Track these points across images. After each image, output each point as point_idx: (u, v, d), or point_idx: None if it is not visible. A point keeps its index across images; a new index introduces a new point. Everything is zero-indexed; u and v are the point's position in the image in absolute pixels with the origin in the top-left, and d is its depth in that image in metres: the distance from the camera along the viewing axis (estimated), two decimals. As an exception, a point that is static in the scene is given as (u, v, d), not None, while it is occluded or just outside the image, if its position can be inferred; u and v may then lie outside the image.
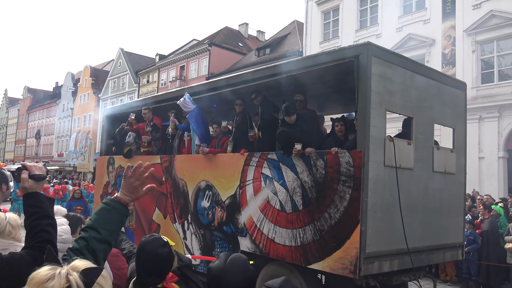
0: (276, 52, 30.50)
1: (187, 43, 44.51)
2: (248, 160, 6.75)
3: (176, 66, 39.49)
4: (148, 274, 2.50)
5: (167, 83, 39.83)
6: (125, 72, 46.30)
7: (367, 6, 25.36)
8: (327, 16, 27.59)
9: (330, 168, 5.64)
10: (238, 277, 2.34)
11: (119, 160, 9.90)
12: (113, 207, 2.15)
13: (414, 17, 22.76)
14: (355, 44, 5.66)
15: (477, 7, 20.17)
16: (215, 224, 7.23)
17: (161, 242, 2.58)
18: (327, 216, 5.61)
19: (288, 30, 31.79)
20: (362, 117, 5.39)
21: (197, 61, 37.11)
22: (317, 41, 27.39)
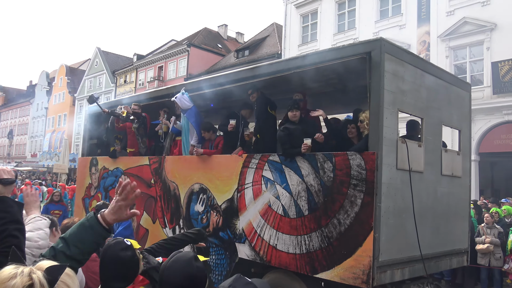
0: (255, 54, 30.04)
1: (166, 43, 43.49)
2: (247, 162, 6.23)
3: (154, 66, 38.50)
4: (113, 279, 2.41)
5: (145, 83, 38.79)
6: (102, 72, 44.92)
7: (344, 10, 25.26)
8: (306, 19, 27.35)
9: (339, 171, 5.18)
10: (176, 274, 2.20)
11: (103, 160, 9.21)
12: (91, 226, 2.05)
13: (390, 22, 22.76)
14: (367, 39, 5.19)
15: (451, 14, 20.27)
16: (210, 230, 6.67)
17: (123, 245, 2.50)
18: (336, 222, 5.14)
19: (267, 33, 31.36)
20: (375, 117, 4.94)
21: (176, 62, 36.26)
22: (296, 44, 27.15)
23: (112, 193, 8.81)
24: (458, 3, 20.24)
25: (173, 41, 42.53)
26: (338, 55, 5.31)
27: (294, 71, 5.70)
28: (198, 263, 2.29)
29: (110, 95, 42.77)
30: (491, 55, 18.55)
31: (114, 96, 41.43)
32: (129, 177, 8.37)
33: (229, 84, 6.63)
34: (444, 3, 20.64)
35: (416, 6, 21.79)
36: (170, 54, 36.83)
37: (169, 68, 37.17)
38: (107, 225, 2.07)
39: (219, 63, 33.19)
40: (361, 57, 5.09)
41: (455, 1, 20.36)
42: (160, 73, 37.75)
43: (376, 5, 23.31)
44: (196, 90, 7.22)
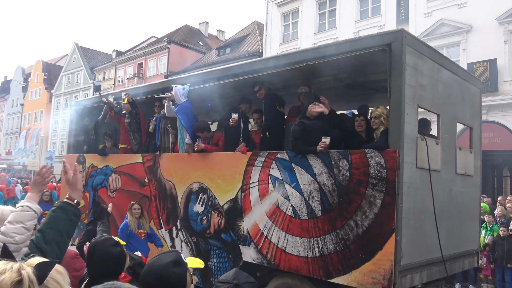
0: (236, 52, 29.49)
1: (146, 40, 42.26)
2: (252, 160, 5.75)
3: (134, 63, 37.41)
4: (101, 275, 2.34)
5: (124, 80, 37.69)
6: (80, 68, 43.42)
7: (325, 10, 25.02)
8: (287, 18, 26.99)
9: (356, 169, 4.76)
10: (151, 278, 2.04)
11: (91, 158, 8.56)
12: (59, 206, 2.16)
13: (370, 22, 22.62)
14: (387, 31, 4.79)
15: (429, 15, 20.25)
16: (211, 232, 6.17)
17: (113, 241, 2.49)
18: (352, 224, 4.73)
19: (248, 31, 30.80)
20: (396, 113, 4.54)
21: (156, 59, 35.30)
22: (277, 42, 26.78)
23: (101, 192, 8.19)
24: (436, 4, 20.24)
25: (153, 37, 41.41)
26: (355, 47, 4.88)
27: (306, 63, 5.24)
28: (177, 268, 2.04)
29: (88, 92, 41.47)
30: (467, 56, 18.57)
31: (92, 93, 40.16)
32: (120, 176, 7.78)
33: (232, 78, 6.13)
34: (422, 5, 20.62)
35: (395, 7, 21.75)
36: (150, 51, 35.84)
37: (149, 65, 36.20)
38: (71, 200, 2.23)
39: (200, 61, 32.47)
40: (380, 49, 4.67)
41: (432, 3, 20.35)
42: (140, 70, 36.73)
43: (356, 5, 23.17)
44: (199, 83, 6.68)
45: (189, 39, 35.73)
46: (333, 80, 6.12)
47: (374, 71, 5.70)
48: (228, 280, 1.99)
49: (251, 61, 6.47)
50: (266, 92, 6.07)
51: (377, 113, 4.95)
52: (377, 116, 4.95)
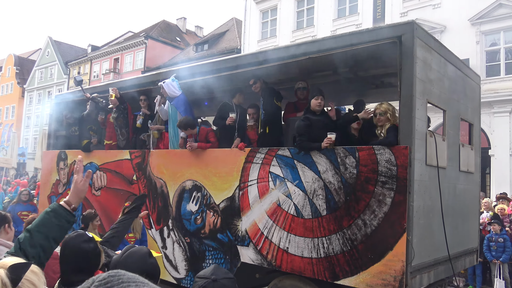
0: (214, 48, 28.99)
1: (122, 34, 41.04)
2: (251, 157, 5.40)
3: (110, 58, 36.32)
4: (73, 271, 2.28)
5: (100, 75, 36.57)
6: (54, 62, 41.87)
7: (303, 7, 24.87)
8: (266, 15, 26.69)
9: (364, 166, 4.49)
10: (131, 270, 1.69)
11: (73, 154, 8.01)
12: (53, 210, 2.05)
13: (348, 21, 22.59)
14: (397, 22, 4.52)
15: (404, 15, 20.28)
16: (205, 231, 5.79)
17: (86, 237, 2.40)
18: (360, 223, 4.45)
19: (226, 27, 30.30)
20: (407, 108, 4.28)
21: (133, 54, 34.37)
22: (256, 39, 26.45)
23: (85, 190, 7.68)
24: (411, 5, 20.36)
25: (130, 32, 40.29)
26: (364, 39, 4.59)
27: (309, 56, 4.92)
28: (152, 259, 2.25)
29: (62, 87, 40.07)
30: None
31: (67, 88, 38.85)
32: (106, 173, 7.29)
33: (228, 71, 5.75)
34: (398, 5, 20.69)
35: (371, 6, 21.75)
36: (126, 46, 34.86)
37: (126, 60, 35.24)
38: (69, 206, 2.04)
39: (177, 57, 31.80)
40: (391, 42, 4.40)
41: (408, 3, 20.45)
42: (116, 65, 35.71)
43: (333, 4, 23.10)
44: (186, 77, 6.27)
45: (166, 34, 34.93)
46: (331, 75, 5.83)
47: (374, 66, 5.46)
48: (206, 276, 2.01)
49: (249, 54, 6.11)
50: (263, 86, 5.72)
51: (383, 110, 4.68)
52: (382, 113, 4.68)
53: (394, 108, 4.70)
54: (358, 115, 4.95)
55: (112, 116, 7.06)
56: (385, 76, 5.83)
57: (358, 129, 5.13)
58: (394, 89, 6.15)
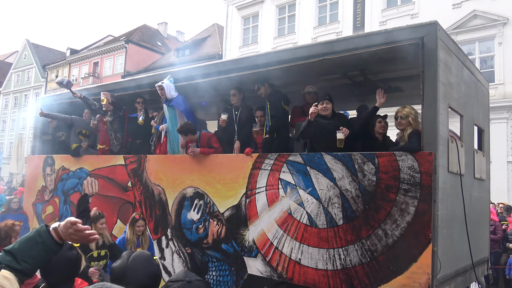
0: (196, 53, 28.47)
1: (102, 38, 39.87)
2: (259, 163, 5.01)
3: (89, 62, 35.21)
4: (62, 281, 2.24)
5: (78, 79, 35.39)
6: (31, 66, 40.31)
7: (285, 15, 24.72)
8: (247, 21, 26.40)
9: (384, 173, 4.17)
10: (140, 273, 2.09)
11: (61, 159, 7.42)
12: (43, 242, 1.83)
13: (328, 28, 22.54)
14: (419, 23, 4.23)
15: (383, 24, 20.37)
16: (208, 241, 5.36)
17: (68, 245, 2.31)
18: (381, 233, 4.12)
19: (208, 33, 29.81)
20: (431, 113, 3.99)
21: (113, 58, 33.40)
22: (237, 45, 26.11)
23: (74, 197, 7.10)
24: (390, 14, 20.46)
25: (110, 36, 39.21)
26: (382, 40, 4.29)
27: (323, 57, 4.58)
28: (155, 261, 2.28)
29: (39, 91, 38.65)
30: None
31: (44, 92, 37.50)
32: (97, 179, 6.76)
33: (232, 73, 5.36)
34: (377, 14, 20.77)
35: (352, 15, 21.76)
36: (106, 50, 33.86)
37: (105, 64, 34.24)
38: (60, 239, 1.87)
39: (158, 61, 31.11)
40: (412, 43, 4.11)
41: (387, 12, 20.55)
42: (95, 69, 34.65)
43: (314, 12, 23.03)
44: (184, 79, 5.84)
45: (147, 39, 34.12)
46: (338, 78, 5.51)
47: (385, 69, 5.18)
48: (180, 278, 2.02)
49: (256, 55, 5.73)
50: (268, 90, 5.36)
51: (405, 113, 4.39)
52: (404, 116, 4.39)
53: (417, 112, 4.41)
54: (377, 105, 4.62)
55: (107, 119, 6.54)
56: (393, 80, 5.55)
57: (384, 133, 4.81)
58: (401, 94, 5.93)
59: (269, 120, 5.20)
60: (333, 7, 22.93)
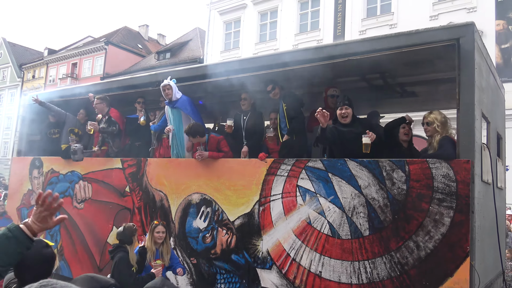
0: (177, 57, 27.77)
1: (81, 39, 38.39)
2: (274, 169, 4.56)
3: (67, 62, 33.81)
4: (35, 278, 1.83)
5: (56, 80, 33.96)
6: (7, 65, 38.41)
7: (267, 21, 24.42)
8: (229, 26, 25.96)
9: (415, 182, 3.80)
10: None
11: (50, 162, 6.75)
12: (14, 236, 1.80)
13: (309, 36, 22.39)
14: (455, 24, 3.90)
15: (363, 33, 20.36)
16: (217, 252, 4.86)
17: (44, 243, 2.28)
18: (412, 246, 3.75)
19: (190, 36, 29.13)
20: (468, 118, 3.65)
21: (92, 59, 32.18)
22: (219, 50, 25.62)
23: (64, 202, 6.44)
24: (370, 23, 20.46)
25: (89, 37, 37.82)
26: (415, 41, 3.93)
27: (349, 58, 4.19)
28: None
29: (15, 91, 36.92)
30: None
31: (20, 92, 35.82)
32: (91, 183, 6.14)
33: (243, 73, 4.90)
34: (357, 23, 20.75)
35: (332, 23, 21.71)
36: (85, 51, 32.59)
37: (84, 65, 32.98)
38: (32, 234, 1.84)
39: (138, 64, 30.18)
40: (447, 45, 3.78)
41: (367, 22, 20.55)
42: (74, 70, 33.31)
43: (296, 19, 22.86)
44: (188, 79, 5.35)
45: (128, 41, 33.06)
46: (356, 81, 5.14)
47: (407, 73, 4.84)
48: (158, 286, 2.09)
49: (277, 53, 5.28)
50: (283, 92, 4.93)
51: (430, 120, 4.04)
52: (429, 122, 4.04)
53: (446, 117, 4.08)
54: (405, 116, 4.29)
55: (102, 126, 5.94)
56: (409, 85, 5.23)
57: (408, 140, 4.45)
58: (415, 99, 5.61)
59: (286, 123, 4.76)
60: (314, 15, 22.79)
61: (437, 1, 18.20)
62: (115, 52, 31.21)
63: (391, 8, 19.74)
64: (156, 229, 4.49)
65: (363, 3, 20.67)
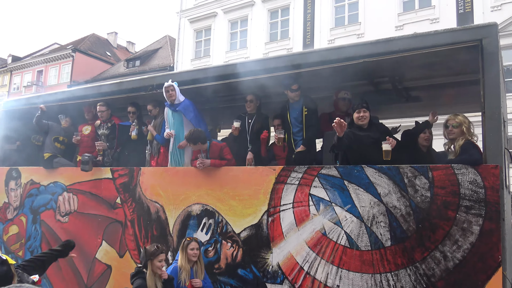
0: (147, 65, 26.86)
1: (47, 46, 36.43)
2: (283, 177, 4.15)
3: (32, 70, 31.95)
4: None
5: (20, 87, 32.03)
6: (-32, 72, 36.02)
7: (237, 29, 24.13)
8: (200, 34, 25.44)
9: (440, 188, 3.50)
10: None
11: (29, 172, 6.01)
12: None
13: (279, 44, 22.27)
14: (478, 24, 3.66)
15: (331, 42, 20.45)
16: (221, 266, 4.38)
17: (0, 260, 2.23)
18: (438, 256, 3.44)
19: (159, 44, 28.26)
20: (495, 122, 3.40)
21: (58, 67, 30.55)
22: (189, 58, 25.04)
23: (46, 216, 5.74)
24: (338, 33, 20.56)
25: (56, 44, 35.98)
26: (436, 42, 3.65)
27: (364, 59, 3.86)
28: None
29: (-23, 98, 34.52)
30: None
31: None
32: (76, 195, 5.50)
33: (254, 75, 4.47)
34: (326, 32, 20.82)
35: (302, 33, 21.71)
36: (52, 58, 30.91)
37: (50, 73, 31.30)
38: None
39: (107, 72, 28.96)
40: (470, 46, 3.53)
41: (335, 31, 20.65)
42: (39, 78, 31.53)
43: (266, 28, 22.70)
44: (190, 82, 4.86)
45: (96, 48, 31.65)
46: (362, 85, 4.83)
47: (419, 76, 4.58)
48: None
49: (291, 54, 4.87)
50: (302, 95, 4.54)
51: (458, 121, 3.77)
52: (456, 125, 3.78)
53: (470, 121, 3.83)
54: (429, 120, 4.01)
55: (102, 131, 5.33)
56: (414, 89, 4.98)
57: (428, 146, 4.17)
58: (417, 104, 5.37)
59: (303, 130, 4.36)
60: (284, 24, 22.71)
61: (402, 12, 18.50)
62: (82, 59, 29.81)
63: (359, 18, 19.92)
64: (190, 246, 3.93)
65: (331, 13, 20.76)
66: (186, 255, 3.87)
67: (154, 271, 3.67)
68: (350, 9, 20.52)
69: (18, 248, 5.74)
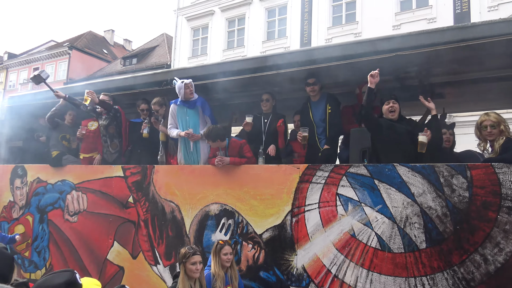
0: (143, 63, 26.38)
1: (44, 43, 35.57)
2: (308, 176, 3.89)
3: (29, 67, 31.23)
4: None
5: (16, 85, 31.33)
6: (-37, 68, 35.14)
7: (234, 28, 23.82)
8: (197, 33, 25.07)
9: (479, 188, 3.27)
10: None
11: (36, 170, 5.66)
12: None
13: (276, 43, 22.02)
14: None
15: (329, 41, 20.24)
16: (242, 268, 4.10)
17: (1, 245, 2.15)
18: (478, 259, 3.21)
19: (156, 42, 27.77)
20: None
21: (55, 64, 29.89)
22: (186, 56, 24.67)
23: (53, 215, 5.41)
24: (336, 32, 20.36)
25: (52, 41, 35.21)
26: (474, 35, 3.41)
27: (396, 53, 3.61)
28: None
29: (-28, 95, 33.74)
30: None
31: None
32: (85, 194, 5.18)
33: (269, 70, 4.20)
34: (323, 31, 20.60)
35: (299, 31, 21.48)
36: (48, 56, 30.24)
37: (47, 70, 30.52)
38: None
39: (104, 69, 28.42)
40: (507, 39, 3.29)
41: (332, 30, 20.45)
42: (35, 75, 30.84)
43: (263, 26, 22.42)
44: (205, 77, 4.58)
45: (92, 46, 31.01)
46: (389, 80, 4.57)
47: (440, 72, 4.34)
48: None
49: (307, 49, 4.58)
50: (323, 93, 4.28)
51: (496, 121, 3.52)
52: (495, 124, 3.52)
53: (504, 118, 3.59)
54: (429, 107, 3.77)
55: (101, 123, 5.01)
56: (439, 86, 4.73)
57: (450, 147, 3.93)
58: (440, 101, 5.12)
59: (327, 129, 4.10)
60: (281, 22, 22.44)
61: (399, 12, 18.33)
62: (79, 57, 29.20)
63: (356, 17, 19.72)
64: (223, 250, 3.60)
65: (328, 12, 20.53)
66: (220, 261, 3.57)
67: (189, 274, 3.37)
68: (347, 8, 20.29)
69: (25, 248, 5.42)
